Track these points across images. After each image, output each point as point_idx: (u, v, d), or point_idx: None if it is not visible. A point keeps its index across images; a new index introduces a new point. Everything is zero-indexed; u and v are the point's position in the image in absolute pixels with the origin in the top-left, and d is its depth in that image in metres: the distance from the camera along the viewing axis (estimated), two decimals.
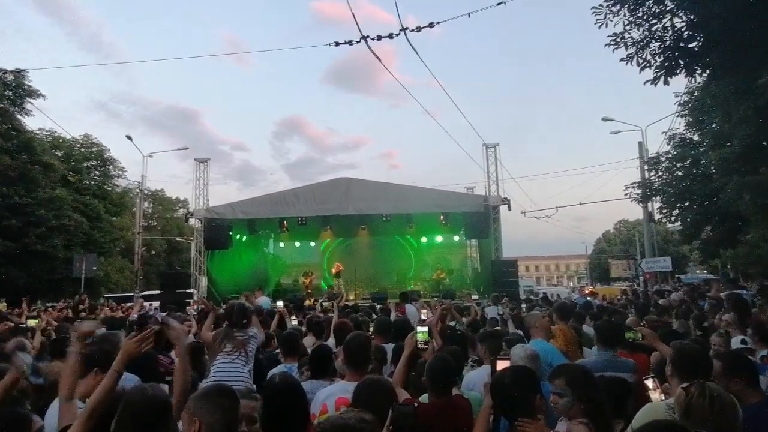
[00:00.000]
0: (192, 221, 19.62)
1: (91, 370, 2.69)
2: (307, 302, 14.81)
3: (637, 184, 18.10)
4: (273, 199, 17.61)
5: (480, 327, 5.42)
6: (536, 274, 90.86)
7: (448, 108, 28.67)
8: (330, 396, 2.72)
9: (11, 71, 20.95)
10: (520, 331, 5.03)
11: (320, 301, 14.25)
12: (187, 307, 11.02)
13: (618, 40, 6.68)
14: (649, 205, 19.01)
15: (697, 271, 32.12)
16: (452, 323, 5.67)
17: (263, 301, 11.44)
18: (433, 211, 17.60)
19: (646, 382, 2.66)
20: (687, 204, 16.97)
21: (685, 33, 6.56)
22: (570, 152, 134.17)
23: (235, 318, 3.98)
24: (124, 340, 2.48)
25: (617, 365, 3.52)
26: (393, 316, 7.36)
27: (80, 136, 31.15)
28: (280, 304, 6.16)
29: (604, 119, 20.42)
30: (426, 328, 3.09)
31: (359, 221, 18.87)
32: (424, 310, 5.35)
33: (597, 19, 6.64)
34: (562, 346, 4.23)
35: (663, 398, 2.52)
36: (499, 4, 6.95)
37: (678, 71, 6.74)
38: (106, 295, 28.92)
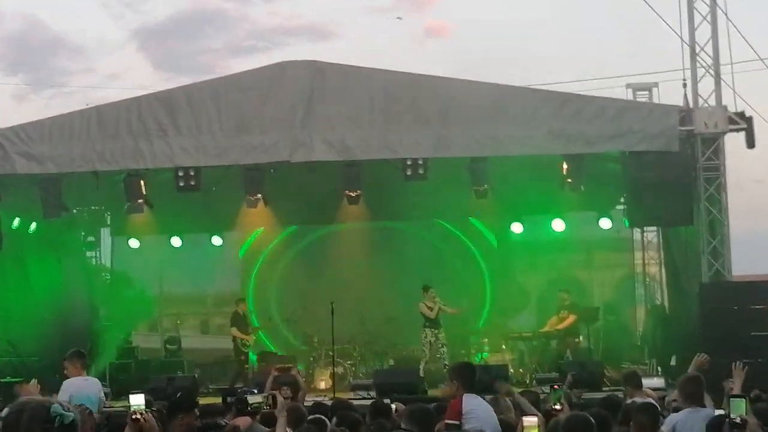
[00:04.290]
0: None
1: None
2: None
3: None
4: (111, 119, 16.13)
5: None
6: None
7: None
8: None
9: None
10: None
11: (241, 391, 13.46)
12: None
13: None
14: None
15: None
16: None
17: (90, 389, 10.59)
18: (540, 152, 15.91)
19: None
20: None
21: None
22: None
23: None
24: None
25: None
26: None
27: None
28: (137, 400, 5.00)
29: None
30: None
31: (344, 180, 16.82)
32: (532, 419, 5.71)
33: None
34: None
35: None
36: None
37: None
38: None
